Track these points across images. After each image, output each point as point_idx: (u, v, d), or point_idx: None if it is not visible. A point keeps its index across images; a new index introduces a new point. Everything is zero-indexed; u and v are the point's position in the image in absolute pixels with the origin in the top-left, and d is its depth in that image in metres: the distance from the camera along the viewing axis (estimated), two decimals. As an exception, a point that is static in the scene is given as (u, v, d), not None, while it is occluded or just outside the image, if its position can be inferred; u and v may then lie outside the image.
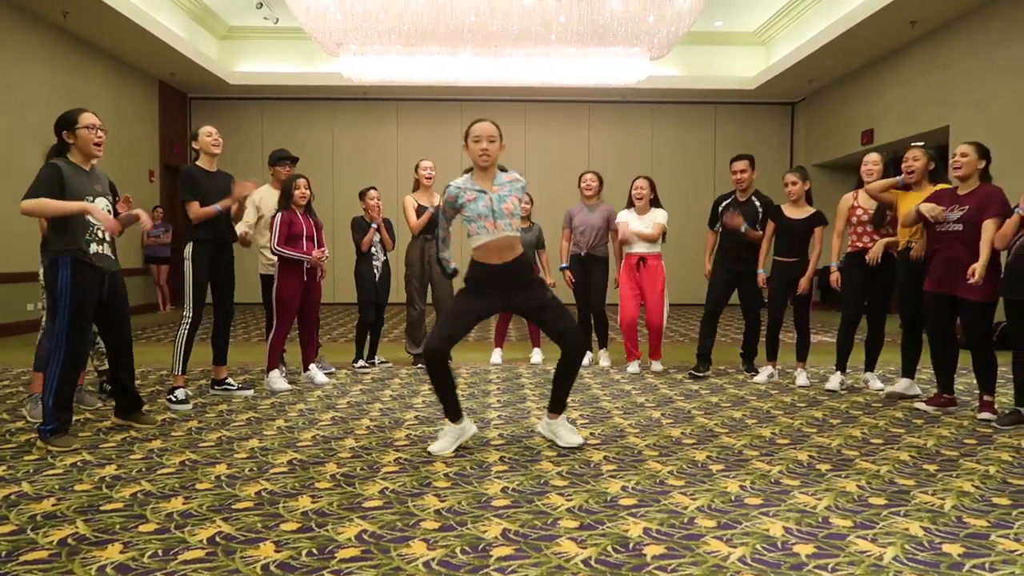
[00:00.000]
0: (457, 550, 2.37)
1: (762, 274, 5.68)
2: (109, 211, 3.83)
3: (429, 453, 3.49)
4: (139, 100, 11.44)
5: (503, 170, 3.70)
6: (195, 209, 4.57)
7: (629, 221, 5.93)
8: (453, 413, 3.58)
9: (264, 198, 5.53)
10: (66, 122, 3.75)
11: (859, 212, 5.13)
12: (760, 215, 5.74)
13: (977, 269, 4.13)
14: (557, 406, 3.71)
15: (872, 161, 5.13)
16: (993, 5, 8.18)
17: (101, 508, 2.74)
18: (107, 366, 4.41)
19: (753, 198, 5.80)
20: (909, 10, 8.58)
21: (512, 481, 3.10)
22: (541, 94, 12.70)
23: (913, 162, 4.76)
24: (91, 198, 3.71)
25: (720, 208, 5.89)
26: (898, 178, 4.82)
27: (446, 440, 3.56)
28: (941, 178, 4.84)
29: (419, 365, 6.21)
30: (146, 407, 4.50)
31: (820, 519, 2.66)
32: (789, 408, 4.64)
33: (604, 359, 6.30)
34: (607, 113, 13.29)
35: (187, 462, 3.37)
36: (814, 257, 5.43)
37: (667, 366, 6.11)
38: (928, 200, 4.49)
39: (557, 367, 3.67)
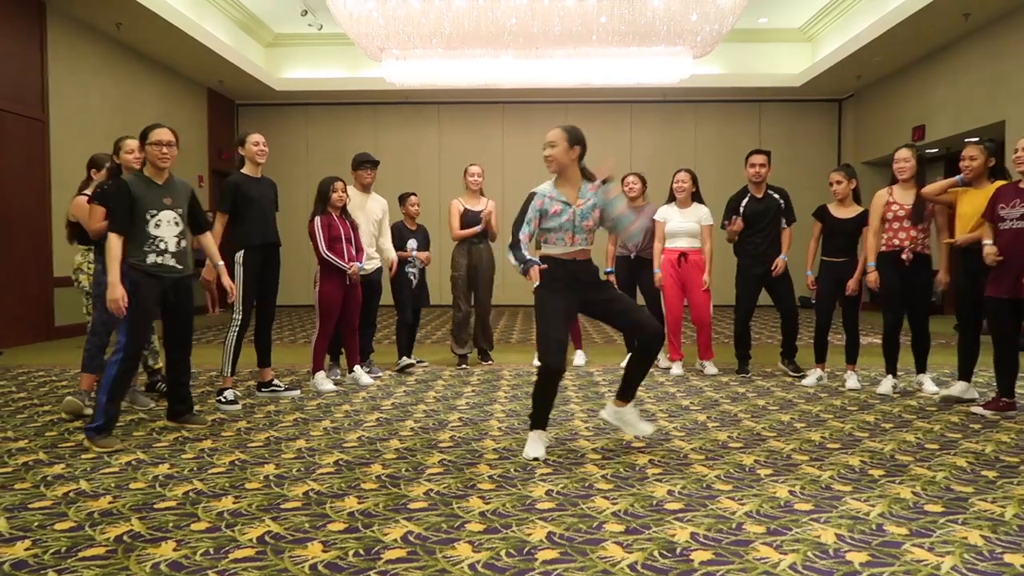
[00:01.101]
0: (502, 553, 2.37)
1: (810, 276, 5.59)
2: (177, 223, 3.98)
3: (532, 459, 3.44)
4: (189, 108, 11.72)
5: (590, 179, 3.58)
6: (220, 225, 4.73)
7: (670, 217, 5.86)
8: (543, 422, 3.54)
9: (352, 200, 5.58)
10: (142, 136, 3.97)
11: (894, 208, 4.98)
12: (783, 205, 5.71)
13: None
14: (627, 395, 3.66)
15: (903, 158, 4.98)
16: (1052, -5, 7.90)
17: (155, 506, 2.81)
18: (160, 364, 4.56)
19: (770, 192, 5.73)
20: (962, 2, 8.32)
21: (556, 484, 3.08)
22: (583, 95, 12.65)
23: (970, 161, 4.62)
24: (155, 211, 3.88)
25: (741, 207, 5.79)
26: (956, 177, 4.69)
27: (539, 443, 3.51)
28: (1002, 174, 4.69)
29: (464, 366, 6.24)
30: (196, 408, 4.60)
31: (874, 526, 2.59)
32: (839, 412, 4.53)
33: (663, 361, 6.21)
34: (649, 113, 13.18)
35: (236, 462, 3.43)
36: (863, 257, 5.31)
37: (716, 367, 6.00)
38: (992, 196, 4.35)
39: (632, 358, 3.63)
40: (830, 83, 11.96)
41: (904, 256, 4.87)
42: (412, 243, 6.17)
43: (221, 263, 4.26)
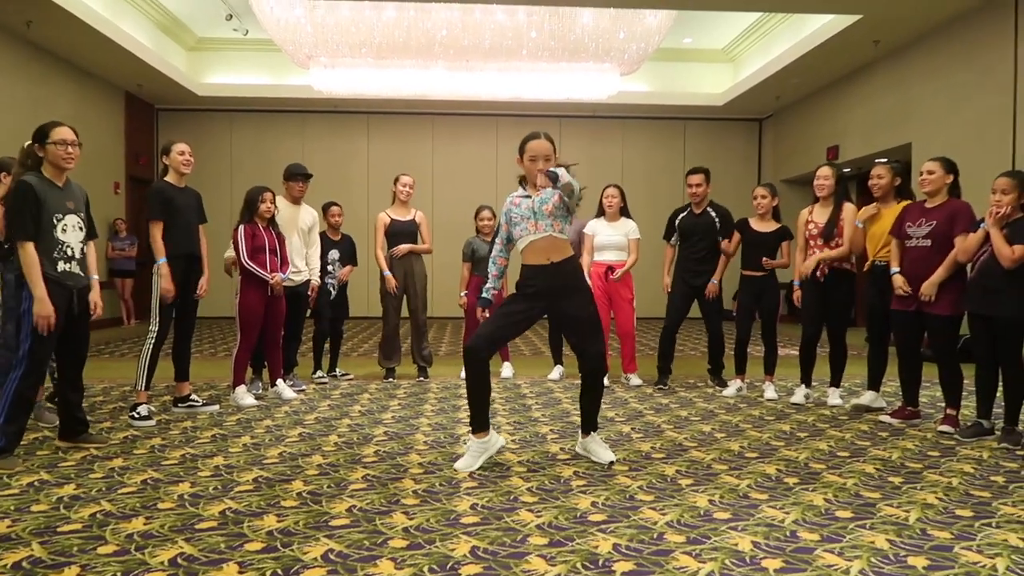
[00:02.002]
0: (425, 569, 2.34)
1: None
2: (81, 228, 3.78)
3: (455, 470, 3.46)
4: (105, 111, 11.27)
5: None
6: (157, 234, 4.55)
7: (598, 231, 5.95)
8: (479, 423, 3.53)
9: (280, 212, 5.43)
10: (39, 135, 3.71)
11: (810, 227, 5.19)
12: (719, 226, 5.83)
13: (925, 287, 4.25)
14: (587, 427, 3.70)
15: (823, 176, 5.17)
16: (953, 25, 8.39)
17: (58, 530, 2.67)
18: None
19: (708, 210, 5.87)
20: (872, 30, 8.76)
21: (481, 498, 3.07)
22: (513, 108, 12.74)
23: (878, 179, 4.85)
24: (61, 215, 3.67)
25: (676, 222, 5.91)
26: (858, 224, 4.91)
27: (471, 457, 3.52)
28: (907, 194, 4.92)
29: (390, 379, 6.16)
30: (107, 424, 4.41)
31: (788, 533, 2.67)
32: (757, 421, 4.67)
33: None
34: (578, 128, 13.38)
35: (149, 481, 3.29)
36: (782, 261, 5.48)
37: (640, 379, 6.10)
38: (899, 216, 4.57)
39: (581, 389, 3.69)
40: (751, 103, 12.40)
41: (818, 272, 5.07)
42: (334, 253, 6.10)
43: (96, 277, 3.94)
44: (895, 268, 4.51)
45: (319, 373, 6.16)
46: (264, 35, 10.38)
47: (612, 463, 3.58)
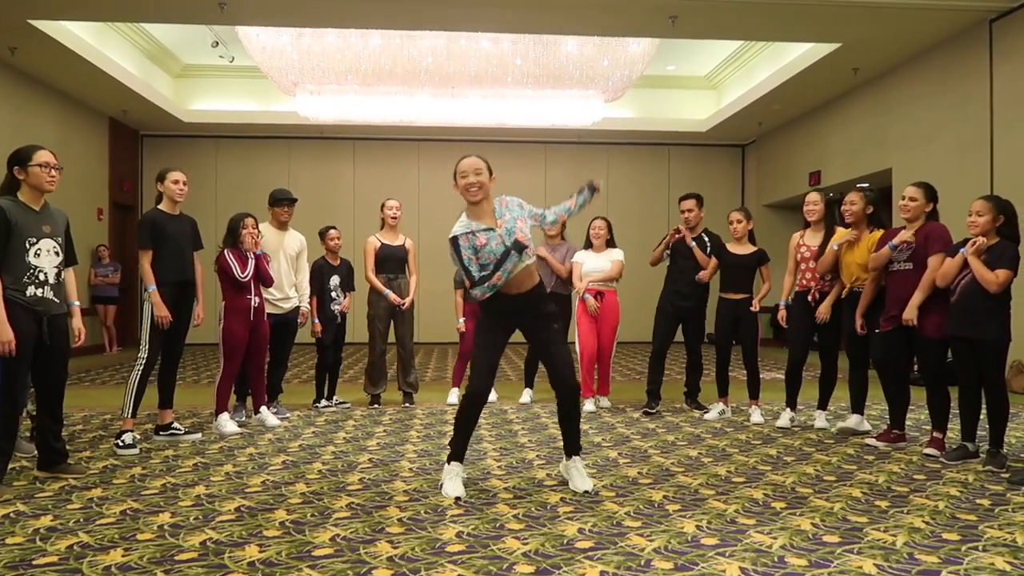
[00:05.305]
0: (409, 599, 2.30)
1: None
2: (57, 252, 3.72)
3: (442, 497, 3.45)
4: (88, 137, 11.23)
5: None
6: (146, 262, 4.55)
7: (585, 260, 5.97)
8: (460, 455, 3.61)
9: (266, 238, 5.42)
10: (19, 158, 3.66)
11: (802, 250, 5.24)
12: (709, 252, 5.88)
13: (907, 311, 4.29)
14: (568, 449, 3.69)
15: (812, 201, 5.25)
16: (930, 53, 8.55)
17: (34, 562, 2.61)
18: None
19: (703, 235, 5.91)
20: (851, 58, 8.91)
21: (467, 525, 3.04)
22: (498, 135, 12.81)
23: (850, 206, 4.90)
24: (35, 239, 3.61)
25: (671, 239, 5.96)
26: (833, 246, 4.93)
27: (457, 481, 3.54)
28: (879, 223, 4.91)
29: (376, 405, 6.11)
30: (86, 453, 4.34)
31: (776, 559, 2.65)
32: (744, 446, 4.66)
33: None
34: (563, 154, 13.47)
35: (128, 511, 3.23)
36: (764, 289, 5.54)
37: (623, 404, 6.08)
38: (879, 241, 4.60)
39: (559, 412, 3.71)
40: (734, 129, 12.55)
41: (809, 297, 5.10)
42: (335, 279, 6.01)
43: (76, 303, 3.94)
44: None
45: (323, 402, 6.09)
46: (250, 62, 10.40)
47: (587, 493, 3.52)
